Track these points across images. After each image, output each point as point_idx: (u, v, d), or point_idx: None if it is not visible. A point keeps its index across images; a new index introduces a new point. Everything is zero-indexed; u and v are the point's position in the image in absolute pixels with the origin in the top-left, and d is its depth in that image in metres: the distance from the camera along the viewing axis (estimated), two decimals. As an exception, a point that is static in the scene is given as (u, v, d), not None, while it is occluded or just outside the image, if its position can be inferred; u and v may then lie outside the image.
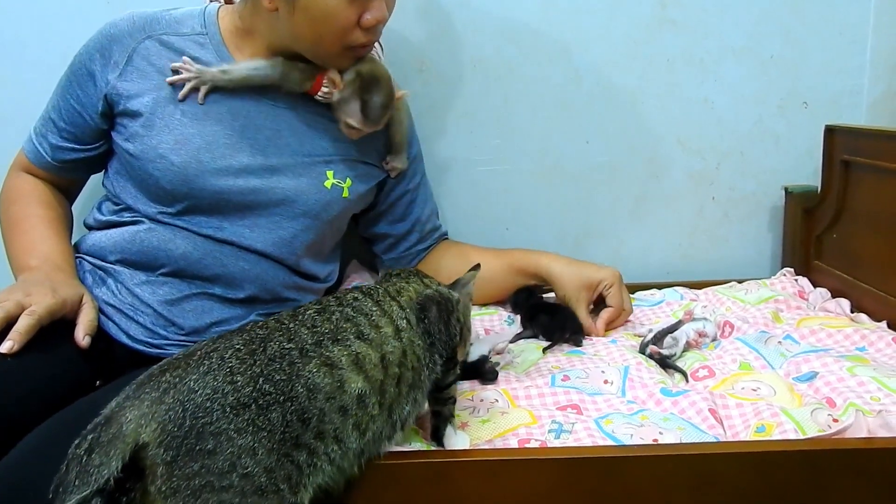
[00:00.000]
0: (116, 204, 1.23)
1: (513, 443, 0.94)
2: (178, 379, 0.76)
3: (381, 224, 1.40)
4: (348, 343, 0.83)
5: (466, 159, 1.58)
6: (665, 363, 1.17)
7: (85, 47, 1.21)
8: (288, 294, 1.25)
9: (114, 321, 1.16)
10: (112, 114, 1.19)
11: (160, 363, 0.82)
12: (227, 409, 0.73)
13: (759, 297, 1.38)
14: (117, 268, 1.19)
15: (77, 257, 1.24)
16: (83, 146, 1.23)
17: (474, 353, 1.14)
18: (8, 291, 1.06)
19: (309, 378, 0.79)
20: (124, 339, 1.15)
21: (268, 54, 1.20)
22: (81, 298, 1.11)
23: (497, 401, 1.06)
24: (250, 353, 0.79)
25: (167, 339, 1.16)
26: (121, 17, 1.21)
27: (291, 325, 0.84)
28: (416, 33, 1.52)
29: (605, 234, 1.62)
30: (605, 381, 1.11)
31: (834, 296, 1.38)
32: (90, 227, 1.26)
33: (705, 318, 1.28)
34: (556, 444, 0.94)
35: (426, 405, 0.96)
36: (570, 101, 1.56)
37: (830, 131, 1.45)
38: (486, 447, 0.93)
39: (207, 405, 0.73)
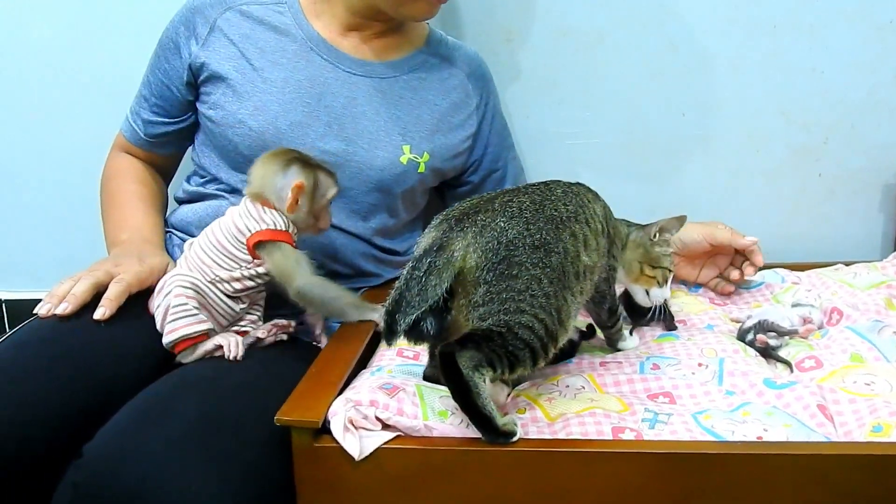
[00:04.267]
0: (202, 176, 1.26)
1: (605, 426, 0.90)
2: (490, 220, 0.90)
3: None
4: (582, 226, 0.97)
5: (553, 132, 1.52)
6: (768, 353, 1.09)
7: (171, 22, 1.23)
8: (367, 267, 1.25)
9: (201, 294, 1.17)
10: (196, 83, 1.21)
11: (464, 205, 0.95)
12: (527, 248, 0.89)
13: (869, 282, 1.28)
14: (203, 241, 1.20)
15: (167, 231, 1.27)
16: (172, 118, 1.26)
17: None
18: (99, 263, 1.11)
19: (565, 243, 0.93)
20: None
21: (347, 16, 1.21)
22: (167, 267, 1.14)
23: (584, 388, 1.01)
24: (535, 210, 0.93)
25: (252, 312, 1.16)
26: None
27: (553, 197, 0.97)
28: (503, 1, 1.46)
29: (699, 211, 1.51)
30: (700, 364, 1.05)
31: (954, 282, 1.27)
32: (180, 202, 1.30)
33: (811, 305, 1.19)
34: (652, 434, 0.89)
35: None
36: (664, 71, 1.48)
37: (957, 102, 1.32)
38: (579, 438, 0.89)
39: (516, 241, 0.89)
